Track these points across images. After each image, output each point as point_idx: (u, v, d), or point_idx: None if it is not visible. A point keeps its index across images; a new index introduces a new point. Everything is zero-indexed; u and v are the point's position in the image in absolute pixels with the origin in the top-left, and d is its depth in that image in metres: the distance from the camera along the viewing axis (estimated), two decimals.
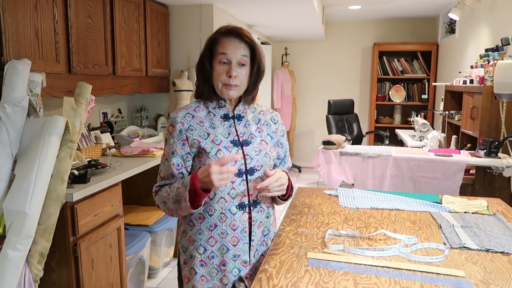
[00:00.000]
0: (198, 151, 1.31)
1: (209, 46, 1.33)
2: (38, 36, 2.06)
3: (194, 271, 1.33)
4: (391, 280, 1.09)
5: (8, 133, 1.70)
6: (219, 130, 1.33)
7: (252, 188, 1.31)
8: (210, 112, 1.36)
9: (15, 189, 1.65)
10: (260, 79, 1.38)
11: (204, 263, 1.32)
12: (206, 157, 1.29)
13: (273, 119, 1.47)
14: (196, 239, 1.33)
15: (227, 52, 1.29)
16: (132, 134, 3.33)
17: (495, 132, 2.90)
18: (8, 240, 1.60)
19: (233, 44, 1.30)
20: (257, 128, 1.40)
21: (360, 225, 1.52)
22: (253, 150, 1.34)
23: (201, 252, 1.32)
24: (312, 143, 6.49)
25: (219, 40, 1.31)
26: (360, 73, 6.16)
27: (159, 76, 3.45)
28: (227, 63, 1.29)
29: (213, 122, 1.34)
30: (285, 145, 1.48)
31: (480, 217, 1.61)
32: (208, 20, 3.54)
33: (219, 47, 1.30)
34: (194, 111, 1.36)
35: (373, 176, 3.02)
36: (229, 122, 1.36)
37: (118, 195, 2.23)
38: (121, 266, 2.29)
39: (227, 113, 1.37)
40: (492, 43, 3.43)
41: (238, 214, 1.31)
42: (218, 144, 1.30)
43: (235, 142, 1.33)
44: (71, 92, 2.01)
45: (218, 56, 1.30)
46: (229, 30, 1.32)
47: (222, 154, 1.28)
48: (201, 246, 1.32)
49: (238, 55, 1.29)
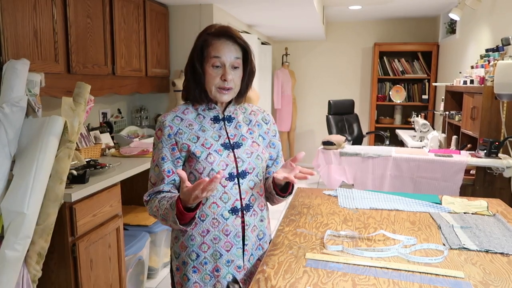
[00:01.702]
0: (188, 155, 1.27)
1: (200, 48, 1.29)
2: (37, 36, 2.06)
3: (187, 277, 1.30)
4: (390, 281, 1.08)
5: (7, 133, 1.70)
6: (209, 133, 1.30)
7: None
8: (200, 115, 1.32)
9: (13, 189, 1.64)
10: (252, 79, 1.35)
11: (197, 270, 1.29)
12: (196, 162, 1.26)
13: (265, 119, 1.42)
14: (188, 245, 1.29)
15: (221, 55, 1.25)
16: (132, 134, 3.33)
17: (495, 132, 2.90)
18: (6, 241, 1.60)
19: (227, 47, 1.25)
20: (248, 129, 1.36)
21: (359, 225, 1.52)
22: (245, 153, 1.31)
23: (194, 258, 1.29)
24: (313, 143, 6.49)
25: (211, 42, 1.27)
26: (360, 73, 6.15)
27: (159, 76, 3.44)
28: (220, 67, 1.26)
29: (202, 125, 1.31)
30: (277, 145, 1.43)
31: (480, 217, 1.61)
32: (208, 20, 3.53)
33: (211, 50, 1.26)
34: (183, 114, 1.32)
35: (373, 177, 3.01)
36: (219, 124, 1.32)
37: (117, 196, 2.22)
38: (120, 266, 2.28)
39: (217, 115, 1.33)
40: (493, 43, 3.42)
41: (230, 219, 1.28)
42: (209, 148, 1.27)
43: (225, 145, 1.30)
44: (70, 92, 2.01)
45: (211, 59, 1.26)
46: (220, 31, 1.27)
47: (212, 158, 1.25)
48: (193, 252, 1.29)
49: (231, 58, 1.26)
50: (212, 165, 1.25)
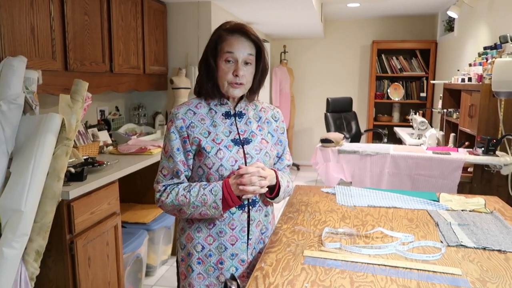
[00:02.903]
0: (198, 149, 1.29)
1: (214, 43, 1.30)
2: (34, 33, 2.05)
3: (191, 268, 1.33)
4: (387, 278, 1.08)
5: (4, 131, 1.69)
6: (220, 128, 1.32)
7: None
8: (212, 109, 1.34)
9: (10, 187, 1.64)
10: (264, 77, 1.38)
11: (201, 261, 1.32)
12: (205, 157, 1.28)
13: (274, 117, 1.45)
14: (195, 237, 1.32)
15: (234, 50, 1.27)
16: (130, 132, 3.32)
17: (493, 130, 2.90)
18: (3, 238, 1.59)
19: (240, 42, 1.28)
20: (258, 126, 1.39)
21: (357, 223, 1.52)
22: (254, 149, 1.33)
23: (199, 250, 1.32)
24: (311, 141, 6.49)
25: (225, 38, 1.29)
26: (358, 71, 6.15)
27: (157, 74, 3.43)
28: (233, 62, 1.28)
29: (214, 120, 1.32)
30: (284, 142, 1.46)
31: (478, 215, 1.61)
32: (206, 17, 3.53)
33: (225, 45, 1.28)
34: (196, 108, 1.33)
35: (371, 174, 3.01)
36: (231, 120, 1.34)
37: (115, 193, 2.22)
38: (118, 264, 2.28)
39: (229, 111, 1.35)
40: (491, 41, 3.42)
41: (237, 213, 1.31)
42: (219, 144, 1.29)
43: (235, 141, 1.32)
44: (68, 90, 2.00)
45: (224, 54, 1.28)
46: (234, 28, 1.29)
47: (222, 154, 1.27)
48: (199, 244, 1.32)
49: (244, 54, 1.28)
50: (222, 161, 1.27)
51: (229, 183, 1.25)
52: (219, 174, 1.28)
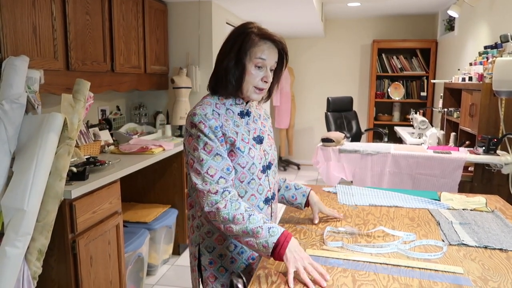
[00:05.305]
0: (231, 149, 1.27)
1: (246, 46, 1.27)
2: (36, 32, 2.05)
3: (225, 269, 1.32)
4: (389, 277, 1.09)
5: (6, 130, 1.70)
6: (241, 128, 1.32)
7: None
8: (229, 109, 1.32)
9: (13, 186, 1.64)
10: (278, 81, 1.40)
11: (234, 260, 1.33)
12: (240, 156, 1.26)
13: (266, 114, 1.50)
14: (226, 238, 1.31)
15: (266, 58, 1.27)
16: (131, 131, 3.33)
17: (493, 129, 2.90)
18: (6, 237, 1.60)
19: (273, 51, 1.29)
20: (261, 123, 1.42)
21: (359, 222, 1.52)
22: (267, 145, 1.38)
23: (232, 250, 1.32)
24: (311, 140, 6.49)
25: (257, 43, 1.27)
26: (359, 70, 6.15)
27: (158, 73, 3.44)
28: (263, 68, 1.28)
29: (234, 120, 1.31)
30: None
31: (479, 214, 1.61)
32: (207, 17, 3.53)
33: (257, 51, 1.26)
34: (217, 108, 1.29)
35: (371, 174, 3.02)
36: (245, 119, 1.35)
37: (116, 192, 2.23)
38: (120, 263, 2.29)
39: (243, 110, 1.35)
40: (491, 40, 3.42)
41: (264, 208, 1.34)
42: (247, 143, 1.30)
43: (255, 139, 1.34)
44: (69, 89, 2.01)
45: (255, 59, 1.26)
46: (266, 35, 1.28)
47: (253, 153, 1.29)
48: (231, 243, 1.31)
49: (272, 61, 1.30)
50: (254, 159, 1.29)
51: (292, 239, 1.15)
52: (250, 172, 1.28)
